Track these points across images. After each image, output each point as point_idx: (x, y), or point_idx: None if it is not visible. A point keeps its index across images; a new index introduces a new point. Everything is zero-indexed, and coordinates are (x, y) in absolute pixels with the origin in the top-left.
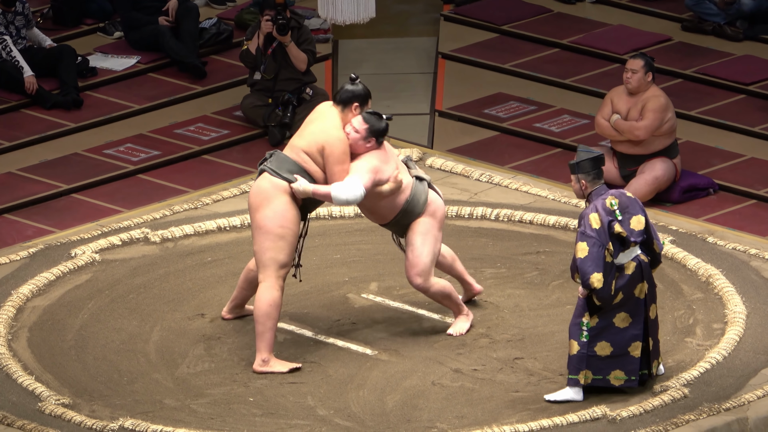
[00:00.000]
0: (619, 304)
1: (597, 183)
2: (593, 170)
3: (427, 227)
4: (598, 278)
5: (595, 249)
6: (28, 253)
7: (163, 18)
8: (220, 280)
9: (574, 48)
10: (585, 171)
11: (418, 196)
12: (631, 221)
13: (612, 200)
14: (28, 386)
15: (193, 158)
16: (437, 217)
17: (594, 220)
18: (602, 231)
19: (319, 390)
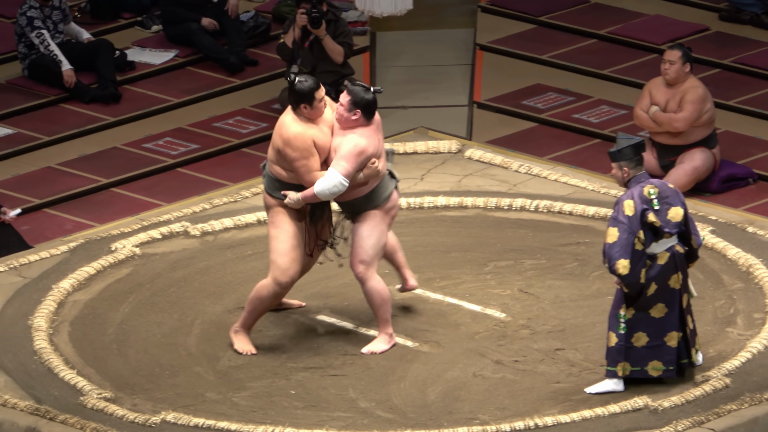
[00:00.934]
0: (654, 296)
1: (639, 170)
2: (635, 157)
3: (377, 221)
4: (623, 264)
5: (625, 236)
6: (69, 247)
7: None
8: (260, 273)
9: (611, 38)
10: (627, 158)
11: (382, 189)
12: (668, 212)
13: (651, 189)
14: (69, 380)
15: (232, 151)
16: (390, 215)
17: (628, 206)
18: (635, 218)
19: (361, 382)
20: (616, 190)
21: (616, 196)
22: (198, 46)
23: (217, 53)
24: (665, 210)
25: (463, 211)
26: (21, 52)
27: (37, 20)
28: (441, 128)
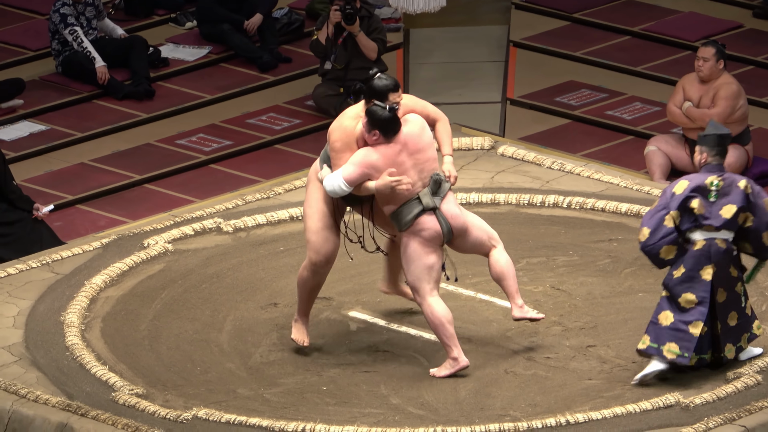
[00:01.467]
0: (683, 280)
1: (716, 160)
2: (716, 146)
3: (404, 245)
4: (644, 233)
5: (660, 208)
6: (101, 243)
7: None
8: (292, 270)
9: (645, 35)
10: (708, 145)
11: (404, 212)
12: (722, 207)
13: (716, 180)
14: (101, 376)
15: (265, 148)
16: (421, 235)
17: (680, 185)
18: (676, 198)
19: (392, 379)
20: (649, 187)
21: (649, 193)
22: (230, 45)
23: (250, 51)
24: (720, 204)
25: (495, 208)
26: (54, 49)
27: (70, 17)
28: (474, 125)
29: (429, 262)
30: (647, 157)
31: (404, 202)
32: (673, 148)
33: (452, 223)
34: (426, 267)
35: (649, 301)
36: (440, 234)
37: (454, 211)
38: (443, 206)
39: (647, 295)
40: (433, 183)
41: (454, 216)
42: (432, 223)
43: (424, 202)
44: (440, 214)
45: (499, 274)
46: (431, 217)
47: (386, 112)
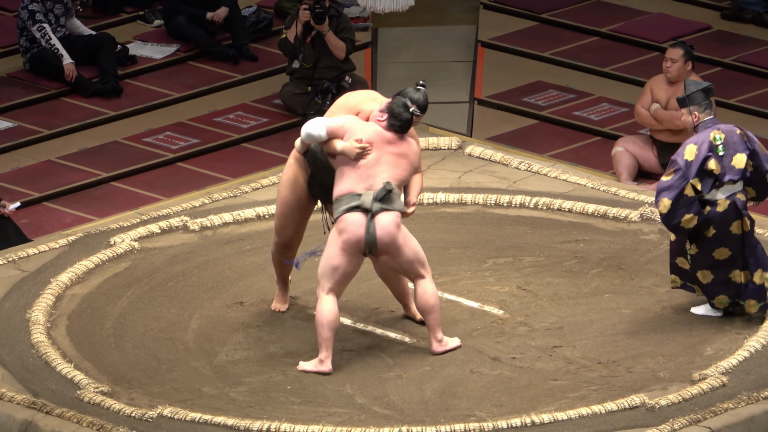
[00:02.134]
0: (715, 239)
1: (708, 114)
2: (704, 101)
3: (329, 241)
4: (665, 204)
5: (677, 178)
6: (67, 241)
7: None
8: (259, 269)
9: (613, 36)
10: (696, 102)
11: (340, 202)
12: (733, 158)
13: (717, 134)
14: (67, 374)
15: (233, 146)
16: (341, 238)
17: (689, 151)
18: (693, 164)
19: (358, 378)
20: (616, 188)
21: (616, 194)
22: (189, 40)
23: (209, 45)
24: (730, 156)
25: (462, 208)
26: (22, 46)
27: (38, 14)
28: (441, 125)
29: (336, 263)
30: (614, 158)
31: (348, 192)
32: (641, 149)
33: (380, 234)
34: (332, 267)
35: (615, 302)
36: (359, 239)
37: (387, 225)
38: (380, 216)
39: (613, 296)
40: (382, 189)
41: (385, 229)
42: (355, 225)
43: (361, 200)
44: (372, 222)
45: (424, 306)
46: (359, 218)
47: (407, 113)
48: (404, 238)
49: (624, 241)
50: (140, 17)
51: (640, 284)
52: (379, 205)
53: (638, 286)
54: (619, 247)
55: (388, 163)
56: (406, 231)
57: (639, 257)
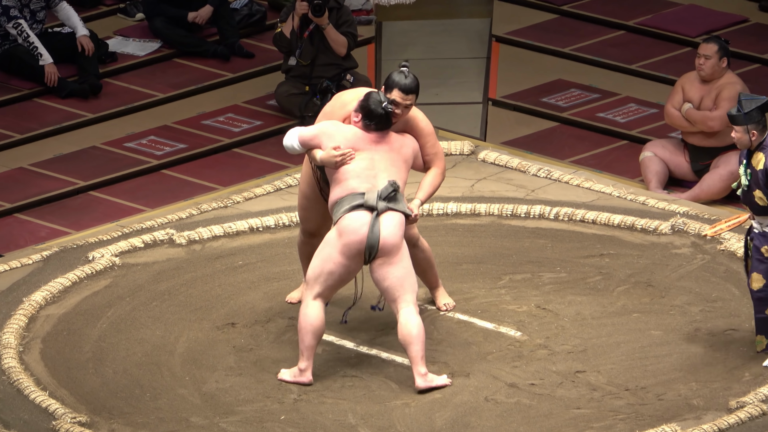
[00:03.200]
0: None
1: (764, 132)
2: (762, 118)
3: (325, 241)
4: None
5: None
6: (42, 256)
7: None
8: (252, 286)
9: (641, 30)
10: (755, 120)
11: (342, 203)
12: None
13: None
14: (41, 403)
15: (223, 152)
16: (341, 240)
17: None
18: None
19: (361, 407)
20: (645, 197)
21: (644, 204)
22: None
23: (194, 46)
24: None
25: (475, 219)
26: None
27: (13, 9)
28: (453, 128)
29: (331, 267)
30: (642, 164)
31: (350, 193)
32: (671, 154)
33: (384, 234)
34: (327, 270)
35: (643, 322)
36: (361, 239)
37: (393, 227)
38: (385, 216)
39: (642, 316)
40: (387, 186)
41: (390, 230)
42: (358, 224)
43: (366, 197)
44: (376, 221)
45: (405, 337)
46: (365, 216)
47: (380, 108)
48: (405, 251)
49: (653, 256)
50: (121, 10)
51: (671, 303)
52: (384, 204)
53: (669, 305)
54: (648, 262)
55: (385, 162)
56: (406, 247)
57: (670, 273)
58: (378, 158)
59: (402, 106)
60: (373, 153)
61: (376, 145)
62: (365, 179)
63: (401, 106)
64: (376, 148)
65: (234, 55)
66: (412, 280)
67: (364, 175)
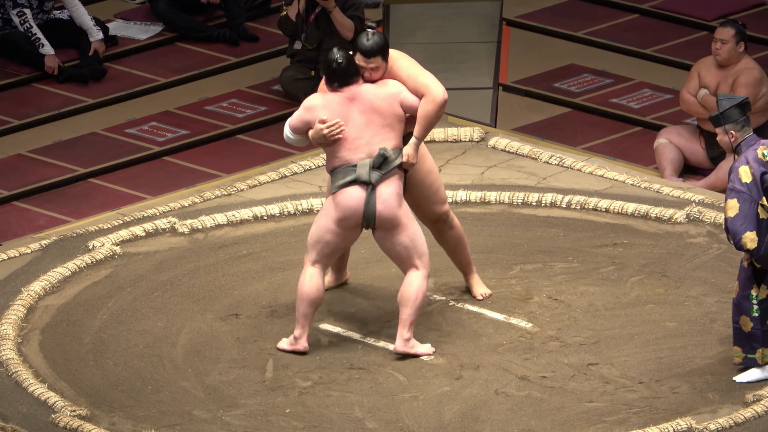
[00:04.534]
0: None
1: (746, 131)
2: (740, 117)
3: (322, 209)
4: (751, 238)
5: (747, 205)
6: (41, 245)
7: None
8: (256, 276)
9: (655, 13)
10: (733, 120)
11: (336, 177)
12: None
13: (765, 150)
14: (40, 396)
15: (226, 138)
16: (337, 214)
17: (744, 173)
18: (754, 185)
19: (368, 400)
20: (659, 185)
21: (659, 192)
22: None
23: (197, 30)
24: None
25: (486, 207)
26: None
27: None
28: (462, 114)
29: (328, 237)
30: (657, 151)
31: (343, 164)
32: (687, 140)
33: (380, 208)
34: (324, 240)
35: (658, 313)
36: (357, 215)
37: (389, 198)
38: (380, 187)
39: (656, 307)
40: (378, 156)
41: (387, 203)
42: (354, 200)
43: (357, 173)
44: (372, 193)
45: (403, 296)
46: (359, 192)
47: (333, 58)
48: (406, 218)
49: (668, 245)
50: None
51: (686, 293)
52: (378, 173)
53: (684, 295)
54: (663, 252)
55: (374, 124)
56: (409, 212)
57: (685, 263)
58: (364, 121)
59: (368, 69)
60: (357, 116)
61: (355, 104)
62: (357, 148)
63: (368, 69)
64: (359, 109)
65: (238, 38)
66: (419, 244)
67: (355, 144)
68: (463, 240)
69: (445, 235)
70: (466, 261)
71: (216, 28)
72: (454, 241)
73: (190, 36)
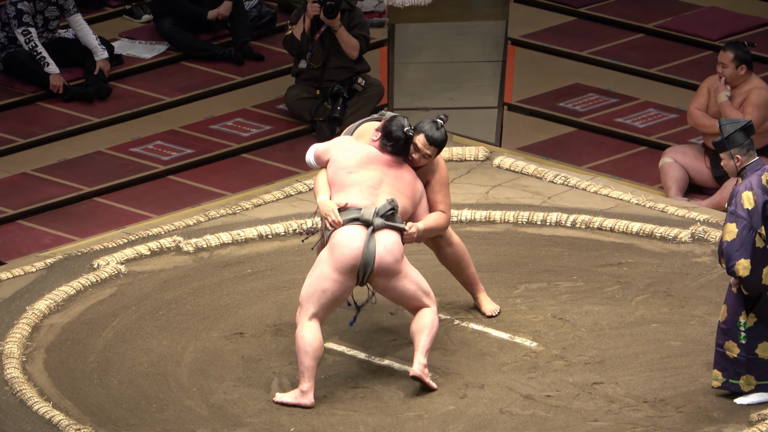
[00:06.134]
0: None
1: (752, 156)
2: (746, 141)
3: (319, 258)
4: (744, 265)
5: (745, 232)
6: (45, 264)
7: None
8: (261, 295)
9: (660, 33)
10: (738, 144)
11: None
12: None
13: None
14: (44, 414)
15: (231, 157)
16: (334, 255)
17: (747, 199)
18: (755, 212)
19: (373, 419)
20: (664, 204)
21: (663, 211)
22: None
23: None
24: None
25: (490, 227)
26: (0, 42)
27: (26, 15)
28: (467, 133)
29: (325, 285)
30: (662, 170)
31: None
32: (692, 160)
33: (382, 253)
34: (321, 289)
35: (662, 332)
36: (356, 256)
37: (392, 246)
38: (383, 233)
39: (660, 326)
40: (386, 204)
41: (389, 248)
42: (352, 239)
43: (362, 212)
44: (372, 237)
45: (419, 327)
46: (357, 232)
47: (401, 132)
48: (407, 266)
49: (673, 265)
50: (127, 12)
51: (690, 313)
52: (382, 221)
53: (689, 314)
54: (668, 271)
55: (392, 186)
56: (406, 259)
57: (690, 282)
58: (386, 180)
59: (422, 153)
60: (383, 174)
61: (388, 167)
62: (367, 194)
63: (421, 153)
64: (387, 171)
65: (243, 57)
66: (424, 286)
67: (367, 191)
68: (465, 258)
69: (443, 251)
70: (472, 280)
71: (221, 47)
72: (454, 259)
73: (195, 55)
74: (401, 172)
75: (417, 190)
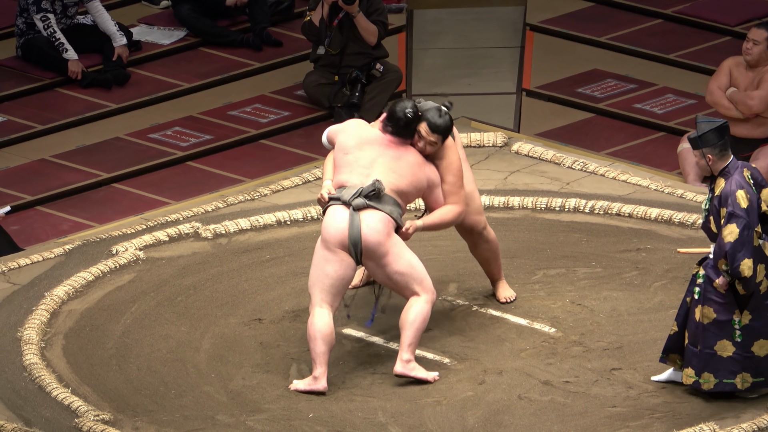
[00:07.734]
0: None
1: (725, 156)
2: (719, 142)
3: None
4: (748, 265)
5: (745, 231)
6: (64, 250)
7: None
8: (279, 281)
9: (679, 19)
10: (710, 144)
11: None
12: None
13: (746, 172)
14: (63, 400)
15: (250, 143)
16: (321, 237)
17: (742, 197)
18: (752, 209)
19: (391, 405)
20: (683, 190)
21: (682, 197)
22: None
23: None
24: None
25: (509, 213)
26: (19, 27)
27: (45, 1)
28: (485, 119)
29: (325, 268)
30: (681, 156)
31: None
32: None
33: (366, 232)
34: (323, 273)
35: None
36: (338, 237)
37: (375, 224)
38: (367, 214)
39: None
40: (369, 186)
41: (372, 228)
42: (336, 219)
43: (342, 192)
44: (356, 216)
45: (402, 321)
46: (342, 211)
47: (403, 113)
48: (397, 247)
49: None
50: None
51: None
52: (363, 200)
53: None
54: (686, 257)
55: (384, 166)
56: (402, 243)
57: None
58: (380, 160)
59: (426, 140)
60: (378, 154)
61: (385, 148)
62: (358, 174)
63: (425, 140)
64: (383, 151)
65: (262, 43)
66: (417, 271)
67: (359, 170)
68: (497, 255)
69: (480, 248)
70: (497, 271)
71: (239, 33)
72: (487, 255)
73: (213, 41)
74: (401, 153)
75: (422, 174)
